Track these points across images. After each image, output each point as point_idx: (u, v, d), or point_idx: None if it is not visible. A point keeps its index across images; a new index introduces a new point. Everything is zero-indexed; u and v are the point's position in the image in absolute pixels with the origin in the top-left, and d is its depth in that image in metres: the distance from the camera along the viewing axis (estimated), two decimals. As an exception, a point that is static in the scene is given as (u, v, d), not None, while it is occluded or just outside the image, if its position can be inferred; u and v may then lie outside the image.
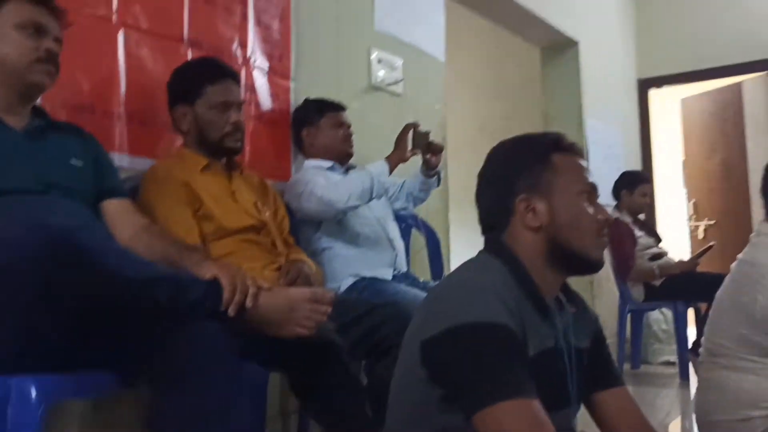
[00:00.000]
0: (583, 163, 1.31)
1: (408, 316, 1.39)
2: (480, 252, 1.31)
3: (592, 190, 1.28)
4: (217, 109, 1.96)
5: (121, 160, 1.94)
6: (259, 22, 2.47)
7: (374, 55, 2.99)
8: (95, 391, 1.28)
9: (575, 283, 1.38)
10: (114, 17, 2.01)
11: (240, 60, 2.39)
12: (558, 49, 4.83)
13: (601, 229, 1.27)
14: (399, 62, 3.12)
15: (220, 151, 2.00)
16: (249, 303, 1.35)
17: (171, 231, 1.71)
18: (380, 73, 3.01)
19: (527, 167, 1.27)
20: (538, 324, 1.21)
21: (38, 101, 1.62)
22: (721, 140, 5.69)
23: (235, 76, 2.05)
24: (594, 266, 1.28)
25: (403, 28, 3.17)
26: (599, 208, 1.28)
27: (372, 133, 2.78)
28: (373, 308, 1.88)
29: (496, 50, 5.49)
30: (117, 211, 1.61)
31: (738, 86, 5.57)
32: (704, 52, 5.40)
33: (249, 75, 2.42)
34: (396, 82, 3.08)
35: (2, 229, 1.14)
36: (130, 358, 1.17)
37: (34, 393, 1.08)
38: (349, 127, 2.51)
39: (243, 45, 2.41)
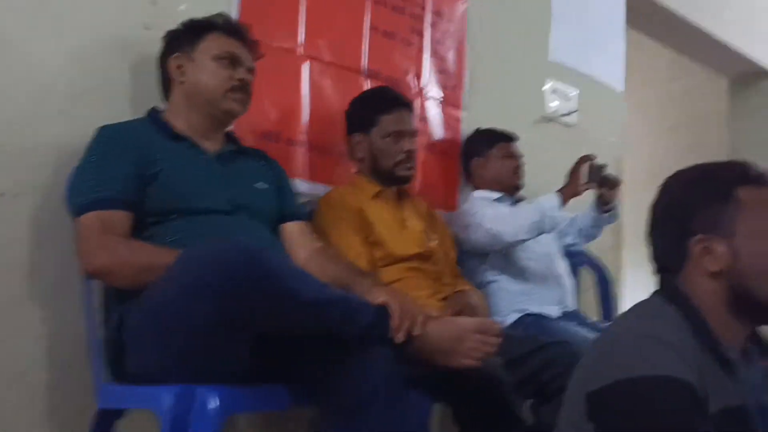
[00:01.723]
0: None
1: (578, 357, 1.32)
2: (653, 294, 1.20)
3: None
4: (391, 137, 2.00)
5: (300, 185, 2.04)
6: (434, 53, 2.51)
7: (548, 86, 2.93)
8: (271, 405, 1.33)
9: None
10: (300, 50, 2.13)
11: (414, 90, 2.43)
12: (749, 79, 4.48)
13: None
14: (574, 92, 3.03)
15: (392, 179, 2.03)
16: (417, 330, 1.35)
17: (343, 255, 1.75)
18: (554, 104, 2.95)
19: (706, 203, 1.14)
20: (721, 379, 1.09)
21: (230, 127, 1.74)
22: None
23: (409, 106, 2.09)
24: None
25: (579, 58, 3.08)
26: None
27: (543, 165, 2.71)
28: (542, 346, 1.81)
29: (678, 80, 5.20)
30: (295, 234, 1.68)
31: None
32: None
33: (422, 105, 2.46)
34: (570, 113, 3.00)
35: (194, 248, 1.22)
36: (302, 378, 1.20)
37: (216, 403, 1.13)
38: (519, 158, 2.47)
39: (418, 76, 2.45)
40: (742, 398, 1.11)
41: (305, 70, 2.14)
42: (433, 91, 2.50)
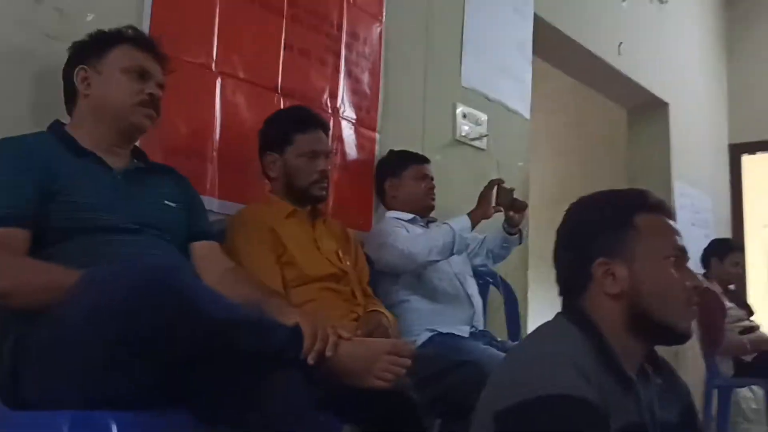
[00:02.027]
0: (672, 223, 1.22)
1: (487, 376, 1.34)
2: (557, 315, 1.25)
3: (681, 254, 1.19)
4: (306, 157, 1.99)
5: (210, 203, 1.99)
6: (350, 74, 2.53)
7: (459, 110, 3.00)
8: (173, 430, 1.28)
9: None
10: (213, 65, 2.09)
11: (329, 110, 2.44)
12: (646, 109, 4.74)
13: (691, 297, 1.18)
14: (484, 117, 3.12)
15: (306, 199, 2.02)
16: (329, 352, 1.34)
17: (255, 275, 1.73)
18: (465, 128, 3.02)
19: (607, 228, 1.20)
20: (620, 397, 1.13)
21: (138, 143, 1.69)
22: (820, 211, 5.41)
23: (325, 126, 2.09)
24: (681, 337, 1.19)
25: (489, 84, 3.18)
26: (689, 274, 1.19)
27: (454, 187, 2.77)
28: (452, 366, 1.84)
29: (580, 109, 5.43)
30: (205, 253, 1.64)
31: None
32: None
33: (337, 125, 2.46)
34: (480, 137, 3.08)
35: (99, 268, 1.17)
36: (209, 401, 1.16)
37: (114, 430, 1.09)
38: (432, 179, 2.51)
39: (333, 96, 2.46)
40: (641, 415, 1.16)
41: (218, 86, 2.10)
42: (348, 111, 2.51)
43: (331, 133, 2.25)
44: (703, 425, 1.34)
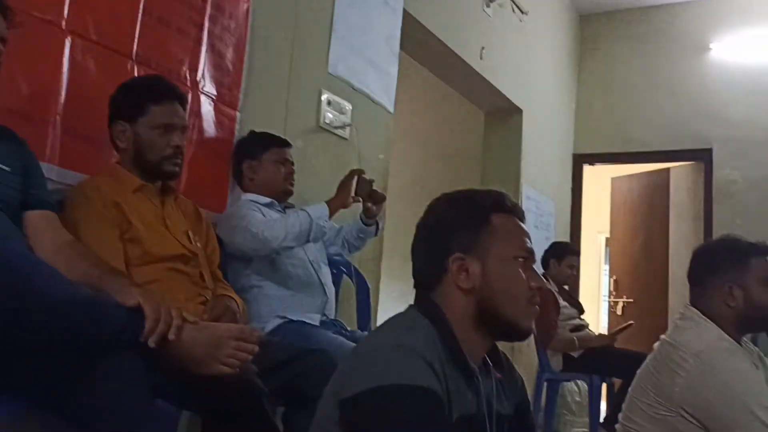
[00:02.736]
0: (524, 226, 1.28)
1: (335, 365, 1.34)
2: (409, 307, 1.27)
3: (529, 256, 1.25)
4: (160, 130, 1.89)
5: (50, 171, 1.84)
6: (212, 48, 2.43)
7: (324, 97, 2.98)
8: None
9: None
10: (63, 23, 1.93)
11: (188, 83, 2.33)
12: (502, 114, 4.95)
13: (534, 296, 1.23)
14: (348, 107, 3.11)
15: (157, 174, 1.92)
16: (171, 335, 1.28)
17: (95, 251, 1.61)
18: (329, 115, 3.00)
19: (465, 225, 1.23)
20: (462, 388, 1.17)
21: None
22: (646, 222, 5.91)
23: (182, 99, 1.99)
24: (522, 334, 1.24)
25: (356, 74, 3.18)
26: (534, 275, 1.24)
27: (314, 173, 2.75)
28: (300, 354, 1.82)
29: (442, 108, 5.58)
30: (41, 224, 1.51)
31: (666, 172, 5.82)
32: (636, 136, 5.64)
33: (195, 100, 2.36)
34: (343, 126, 3.07)
35: None
36: (38, 385, 1.07)
37: None
38: (292, 164, 2.47)
39: (193, 69, 2.35)
40: (480, 407, 1.20)
41: (67, 46, 1.94)
42: (208, 86, 2.41)
43: (188, 107, 2.14)
44: (533, 418, 1.40)
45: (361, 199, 2.40)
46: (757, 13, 5.39)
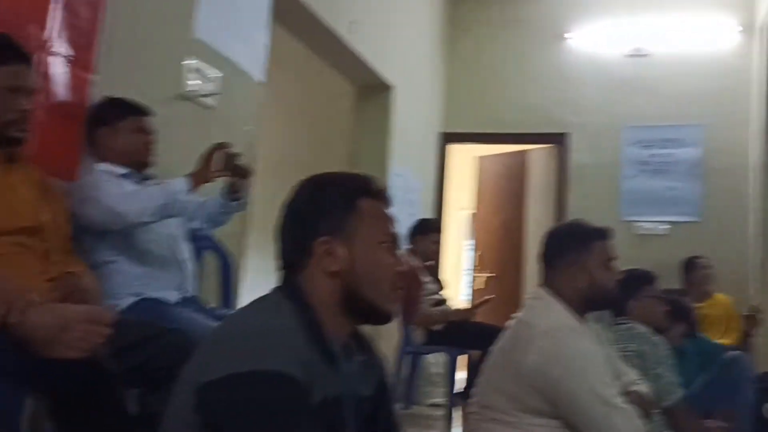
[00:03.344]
0: (390, 211, 1.29)
1: (193, 345, 1.30)
2: (274, 289, 1.25)
3: (393, 241, 1.27)
4: (4, 92, 1.73)
5: None
6: (65, 4, 2.25)
7: (189, 63, 2.85)
8: None
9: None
10: None
11: (36, 42, 2.14)
12: (373, 90, 4.96)
13: (398, 281, 1.25)
14: (215, 74, 3.00)
15: (1, 140, 1.76)
16: (14, 317, 1.19)
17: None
18: (193, 83, 2.88)
19: (333, 209, 1.23)
20: (325, 371, 1.17)
21: None
22: (506, 201, 6.19)
23: (28, 59, 1.83)
24: (385, 318, 1.26)
25: (223, 41, 3.06)
26: (398, 260, 1.27)
27: (177, 144, 2.63)
28: (156, 334, 1.75)
29: (314, 82, 5.52)
30: None
31: (524, 154, 6.11)
32: (500, 118, 5.85)
33: (44, 61, 2.18)
34: (209, 95, 2.96)
35: None
36: None
37: None
38: (152, 134, 2.35)
39: (41, 26, 2.17)
40: (341, 389, 1.20)
41: None
42: (59, 46, 2.24)
43: (35, 68, 1.98)
44: (393, 396, 1.43)
45: (226, 174, 2.33)
46: (609, 5, 5.73)
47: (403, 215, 4.79)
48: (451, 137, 6.05)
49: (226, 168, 2.28)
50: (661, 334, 2.69)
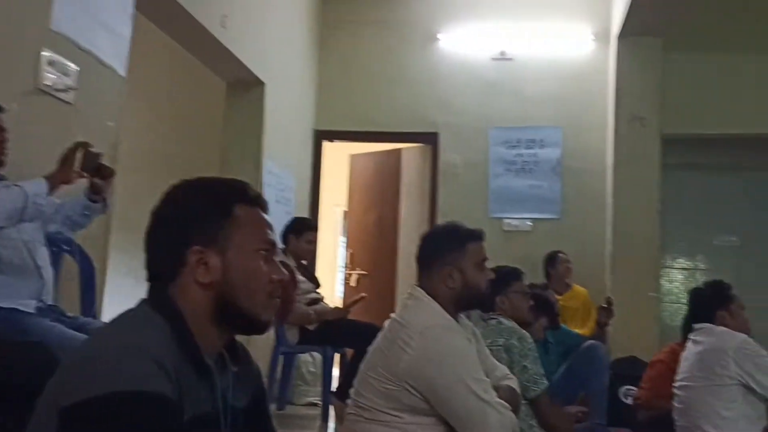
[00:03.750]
0: (267, 217, 1.25)
1: (54, 361, 1.22)
2: (141, 302, 1.18)
3: (271, 248, 1.23)
4: None
5: None
6: None
7: (45, 55, 2.66)
8: None
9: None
10: None
11: None
12: (245, 86, 4.86)
13: (275, 289, 1.21)
14: (74, 68, 2.82)
15: None
16: None
17: None
18: (50, 77, 2.69)
19: (206, 216, 1.17)
20: (197, 386, 1.12)
21: None
22: (380, 199, 6.26)
23: None
24: (262, 328, 1.21)
25: (83, 33, 2.88)
26: (276, 268, 1.22)
27: (32, 142, 2.45)
28: (12, 347, 1.62)
29: (183, 77, 5.33)
30: None
31: (398, 152, 6.20)
32: (373, 116, 5.91)
33: None
34: (67, 90, 2.78)
35: None
36: None
37: None
38: (4, 131, 2.17)
39: None
40: (215, 404, 1.16)
41: None
42: None
43: None
44: (268, 404, 1.40)
45: (87, 174, 2.19)
46: (478, 8, 5.92)
47: (278, 214, 4.74)
48: (324, 135, 6.04)
49: (86, 168, 2.16)
50: (527, 327, 2.81)
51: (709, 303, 2.97)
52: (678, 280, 6.21)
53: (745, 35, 5.52)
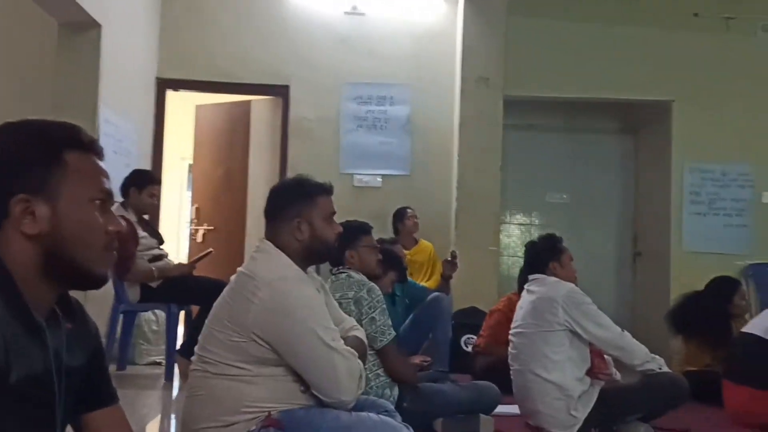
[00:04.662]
0: (102, 165, 1.16)
1: None
2: None
3: (106, 198, 1.15)
4: None
5: None
6: None
7: None
8: None
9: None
10: None
11: None
12: (79, 27, 4.48)
13: (111, 241, 1.14)
14: None
15: None
16: None
17: None
18: None
19: (32, 163, 1.08)
20: (27, 345, 1.05)
21: None
22: (228, 152, 6.08)
23: None
24: (98, 282, 1.15)
25: None
26: (111, 219, 1.15)
27: None
28: None
29: (10, 16, 4.84)
30: None
31: (248, 104, 6.03)
32: (222, 66, 5.69)
33: None
34: None
35: None
36: None
37: None
38: None
39: None
40: (47, 363, 1.08)
41: None
42: None
43: None
44: (107, 361, 1.33)
45: None
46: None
47: (117, 166, 4.47)
48: (168, 83, 5.74)
49: None
50: (375, 281, 2.86)
51: (542, 255, 3.17)
52: (515, 234, 6.60)
53: (585, 4, 5.86)
